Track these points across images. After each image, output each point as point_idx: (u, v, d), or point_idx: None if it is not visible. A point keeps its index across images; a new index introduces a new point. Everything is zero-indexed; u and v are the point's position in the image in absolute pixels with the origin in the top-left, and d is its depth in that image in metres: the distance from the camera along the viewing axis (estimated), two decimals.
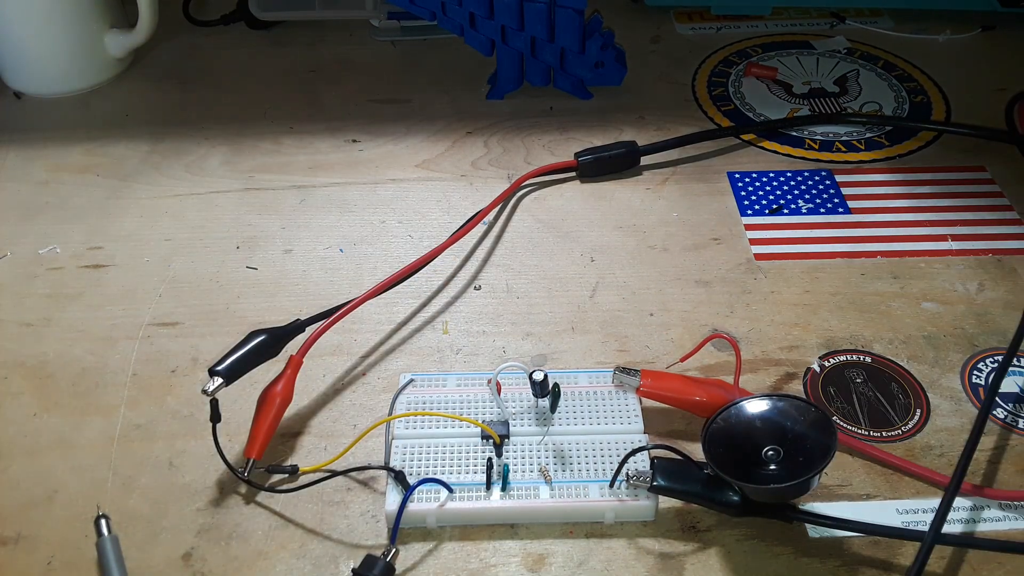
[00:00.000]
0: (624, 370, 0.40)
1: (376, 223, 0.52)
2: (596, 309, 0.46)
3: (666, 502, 0.37)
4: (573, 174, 0.55)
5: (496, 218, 0.52)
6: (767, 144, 0.58)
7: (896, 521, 0.37)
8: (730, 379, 0.40)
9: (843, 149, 0.57)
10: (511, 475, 0.37)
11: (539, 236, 0.51)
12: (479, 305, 0.47)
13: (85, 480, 0.38)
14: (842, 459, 0.39)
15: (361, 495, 0.38)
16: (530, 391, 0.38)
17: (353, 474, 0.38)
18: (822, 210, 0.52)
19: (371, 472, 0.39)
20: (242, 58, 0.67)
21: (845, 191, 0.53)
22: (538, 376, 0.38)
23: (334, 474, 0.38)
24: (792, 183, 0.54)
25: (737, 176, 0.55)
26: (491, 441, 0.38)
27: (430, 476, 0.36)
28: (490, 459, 0.37)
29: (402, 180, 0.55)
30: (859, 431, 0.40)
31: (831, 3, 0.71)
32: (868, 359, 0.43)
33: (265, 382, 0.40)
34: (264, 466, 0.38)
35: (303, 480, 0.38)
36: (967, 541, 0.36)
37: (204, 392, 0.37)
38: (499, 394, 0.39)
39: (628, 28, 0.68)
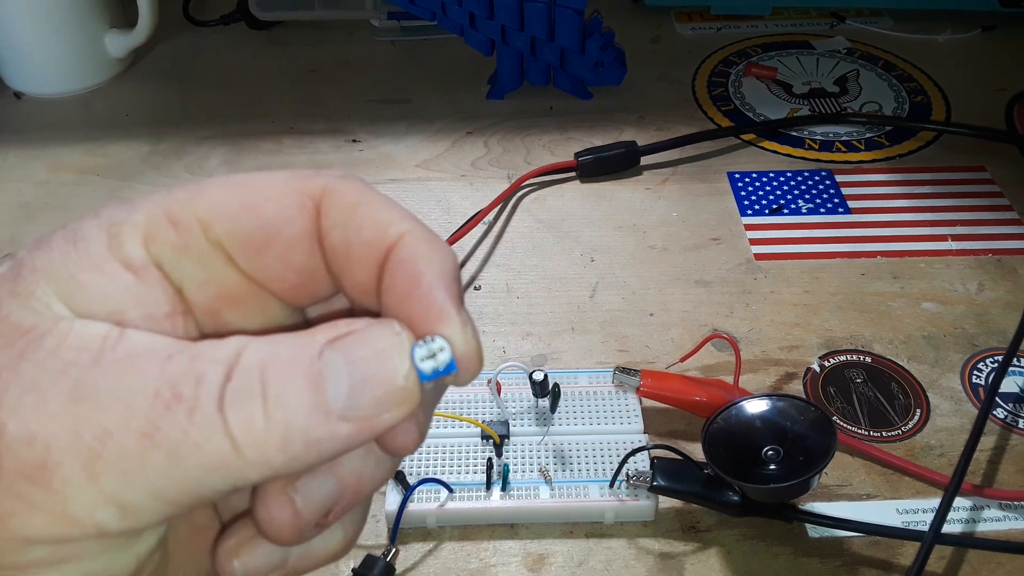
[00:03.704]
0: (624, 370, 0.40)
1: None
2: (596, 309, 0.46)
3: (666, 502, 0.37)
4: (573, 174, 0.55)
5: (496, 218, 0.52)
6: (767, 144, 0.58)
7: (896, 521, 0.37)
8: (730, 379, 0.40)
9: (843, 149, 0.57)
10: (511, 475, 0.37)
11: (539, 236, 0.51)
12: (479, 305, 0.47)
13: None
14: (842, 459, 0.39)
15: None
16: (530, 391, 0.38)
17: None
18: (822, 210, 0.52)
19: None
20: (242, 58, 0.67)
21: (845, 191, 0.53)
22: (538, 376, 0.38)
23: None
24: (792, 183, 0.54)
25: (737, 176, 0.55)
26: (491, 441, 0.38)
27: (430, 476, 0.36)
28: (490, 459, 0.37)
29: (402, 180, 0.55)
30: (859, 431, 0.40)
31: (831, 3, 0.71)
32: (868, 359, 0.43)
33: None
34: None
35: None
36: (967, 541, 0.36)
37: None
38: (499, 394, 0.39)
39: (628, 28, 0.68)
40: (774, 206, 0.52)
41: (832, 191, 0.53)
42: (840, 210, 0.52)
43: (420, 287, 0.18)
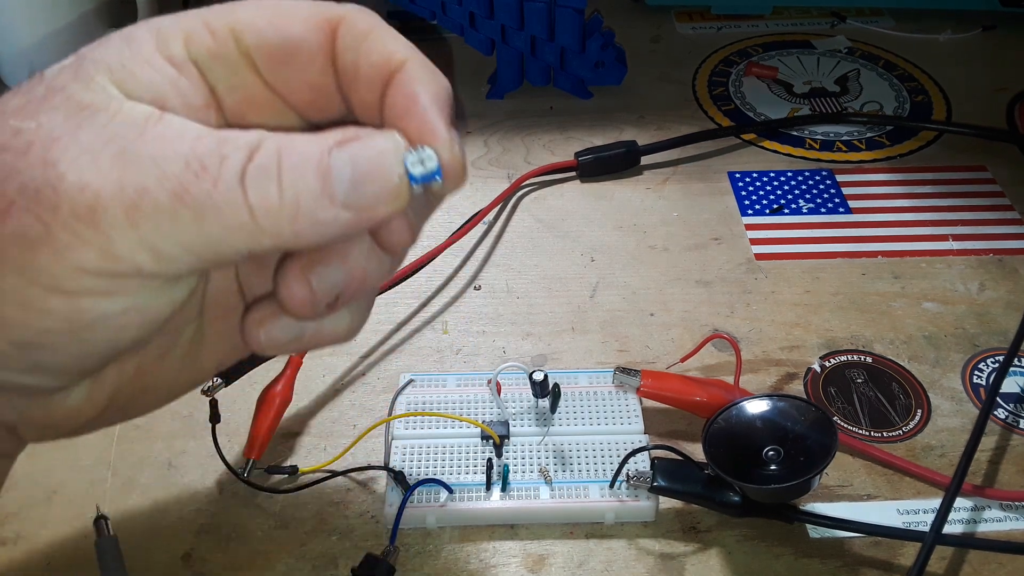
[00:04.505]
0: (624, 370, 0.40)
1: None
2: (596, 309, 0.46)
3: (666, 502, 0.37)
4: (573, 174, 0.55)
5: (496, 218, 0.52)
6: (768, 144, 0.58)
7: (897, 521, 0.37)
8: (730, 379, 0.40)
9: (844, 149, 0.57)
10: (511, 475, 0.37)
11: (539, 236, 0.51)
12: (479, 305, 0.47)
13: (85, 480, 0.38)
14: (843, 459, 0.39)
15: (361, 495, 0.38)
16: (530, 391, 0.38)
17: (353, 474, 0.38)
18: (823, 210, 0.52)
19: (371, 472, 0.39)
20: None
21: (846, 191, 0.53)
22: (538, 376, 0.37)
23: (334, 474, 0.38)
24: (793, 183, 0.54)
25: (737, 176, 0.55)
26: (491, 441, 0.38)
27: (430, 476, 0.36)
28: (490, 459, 0.37)
29: None
30: (860, 431, 0.40)
31: (831, 2, 0.71)
32: (869, 359, 0.43)
33: (265, 382, 0.40)
34: (264, 466, 0.38)
35: (303, 480, 0.38)
36: (968, 541, 0.36)
37: (204, 392, 0.37)
38: (499, 394, 0.39)
39: (628, 28, 0.68)
40: (775, 206, 0.52)
41: (833, 191, 0.53)
42: (841, 210, 0.52)
43: (416, 106, 0.22)
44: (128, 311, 0.21)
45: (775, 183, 0.54)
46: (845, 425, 0.40)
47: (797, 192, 0.53)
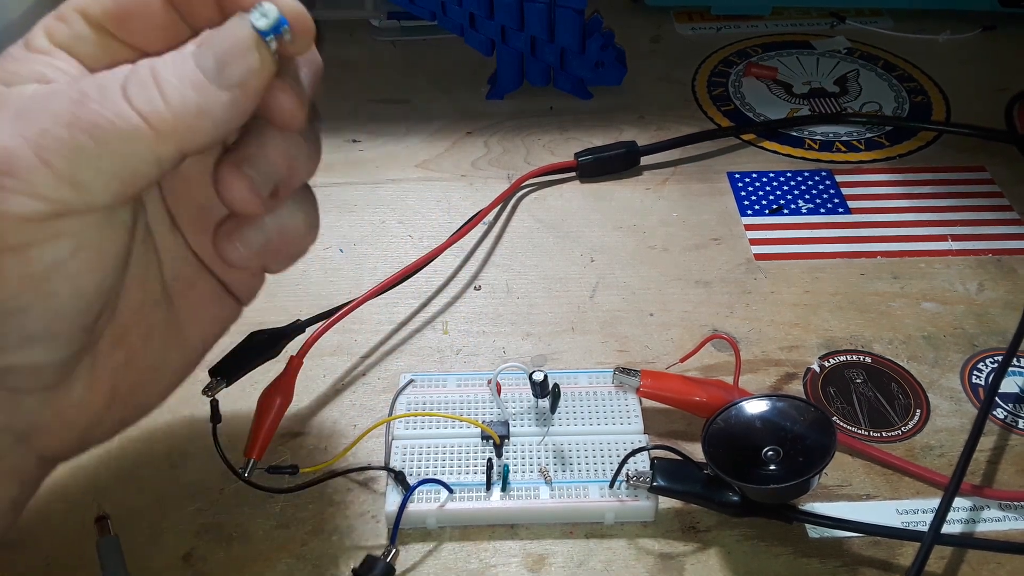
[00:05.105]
0: (624, 370, 0.40)
1: (376, 223, 0.52)
2: (596, 309, 0.46)
3: (666, 502, 0.37)
4: (573, 174, 0.55)
5: (496, 218, 0.52)
6: (767, 144, 0.58)
7: (896, 521, 0.37)
8: (730, 379, 0.40)
9: (843, 149, 0.57)
10: (511, 475, 0.37)
11: (539, 236, 0.51)
12: (479, 305, 0.47)
13: (85, 480, 0.38)
14: (842, 459, 0.39)
15: (361, 496, 0.38)
16: (530, 391, 0.38)
17: (353, 475, 0.38)
18: (822, 210, 0.52)
19: (371, 472, 0.39)
20: None
21: (845, 191, 0.53)
22: (538, 376, 0.38)
23: (334, 475, 0.38)
24: (792, 183, 0.54)
25: (737, 176, 0.55)
26: (491, 441, 0.38)
27: (430, 477, 0.36)
28: (490, 459, 0.37)
29: (402, 180, 0.55)
30: (859, 431, 0.40)
31: (831, 3, 0.71)
32: (868, 359, 0.43)
33: (265, 382, 0.40)
34: (264, 466, 0.38)
35: (303, 480, 0.38)
36: (967, 541, 0.36)
37: (204, 392, 0.37)
38: (499, 394, 0.40)
39: (628, 28, 0.68)
40: (774, 206, 0.52)
41: (832, 191, 0.53)
42: (840, 210, 0.52)
43: None
44: (77, 252, 0.24)
45: (774, 183, 0.54)
46: (844, 425, 0.40)
47: (796, 192, 0.53)
